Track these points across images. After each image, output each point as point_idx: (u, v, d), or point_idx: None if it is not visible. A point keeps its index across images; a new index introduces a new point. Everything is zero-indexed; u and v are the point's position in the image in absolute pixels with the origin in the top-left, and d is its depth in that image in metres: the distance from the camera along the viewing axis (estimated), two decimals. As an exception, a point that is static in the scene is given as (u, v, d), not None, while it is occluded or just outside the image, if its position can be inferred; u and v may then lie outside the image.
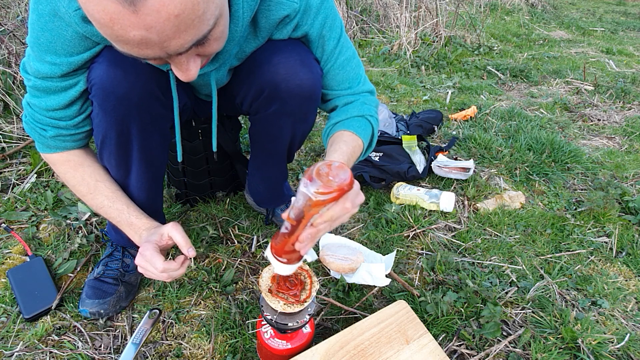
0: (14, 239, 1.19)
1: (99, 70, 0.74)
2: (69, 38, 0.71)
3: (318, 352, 0.81)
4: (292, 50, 0.85)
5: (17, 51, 1.83)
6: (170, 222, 0.82)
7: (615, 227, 1.34)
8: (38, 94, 0.77)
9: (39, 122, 0.80)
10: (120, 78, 0.74)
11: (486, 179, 1.58)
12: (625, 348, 0.96)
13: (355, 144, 0.87)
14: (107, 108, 0.77)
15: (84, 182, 0.86)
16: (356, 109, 0.92)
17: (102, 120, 0.80)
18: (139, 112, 0.80)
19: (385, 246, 1.24)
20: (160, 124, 0.87)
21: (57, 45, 0.71)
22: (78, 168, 0.86)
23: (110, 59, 0.74)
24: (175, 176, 1.31)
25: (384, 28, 3.57)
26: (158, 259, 0.77)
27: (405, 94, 2.43)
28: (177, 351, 0.92)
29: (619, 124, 2.17)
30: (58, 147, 0.84)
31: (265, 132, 1.01)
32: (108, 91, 0.75)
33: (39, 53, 0.72)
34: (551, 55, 3.35)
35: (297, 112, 0.93)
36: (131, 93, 0.76)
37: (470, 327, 0.98)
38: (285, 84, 0.87)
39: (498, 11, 4.78)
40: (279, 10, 0.81)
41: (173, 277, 0.80)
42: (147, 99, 0.79)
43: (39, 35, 0.70)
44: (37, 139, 0.83)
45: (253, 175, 1.20)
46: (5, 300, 1.01)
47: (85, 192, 0.87)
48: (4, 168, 1.49)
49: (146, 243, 0.79)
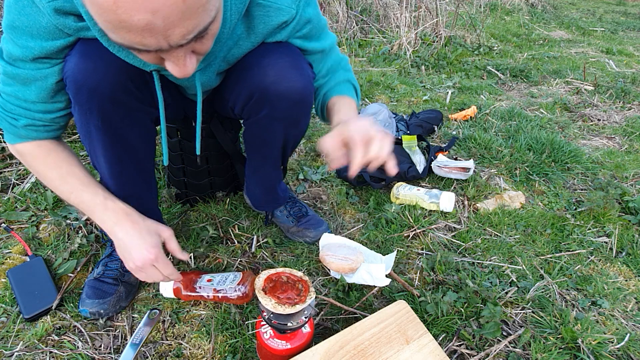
0: (14, 239, 1.19)
1: (71, 62, 0.74)
2: (44, 25, 0.70)
3: (318, 352, 0.81)
4: (282, 53, 0.85)
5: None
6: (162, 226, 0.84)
7: (615, 227, 1.34)
8: (11, 82, 0.76)
9: (10, 111, 0.78)
10: (91, 70, 0.74)
11: (486, 179, 1.59)
12: (625, 348, 0.96)
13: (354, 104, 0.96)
14: (80, 100, 0.76)
15: (56, 165, 0.83)
16: (341, 75, 0.99)
17: (78, 112, 0.79)
18: (113, 105, 0.79)
19: (385, 246, 1.24)
20: (139, 117, 0.86)
21: (33, 29, 0.70)
22: (50, 153, 0.83)
23: (81, 51, 0.73)
24: (175, 176, 1.31)
25: (384, 28, 3.57)
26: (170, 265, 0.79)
27: (405, 94, 2.43)
28: (177, 351, 0.92)
29: (619, 124, 2.17)
30: (29, 137, 0.81)
31: (258, 137, 1.00)
32: (79, 83, 0.74)
33: (13, 36, 0.71)
34: (551, 55, 3.35)
35: (288, 116, 0.92)
36: (102, 85, 0.75)
37: (470, 327, 0.98)
38: (274, 87, 0.86)
39: (498, 11, 4.78)
40: (278, 16, 0.81)
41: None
42: (119, 91, 0.78)
43: (15, 19, 0.69)
44: (7, 129, 0.81)
45: (250, 178, 1.20)
46: (5, 300, 1.01)
47: (55, 177, 0.83)
48: (4, 168, 1.49)
49: (155, 249, 0.81)
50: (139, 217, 0.85)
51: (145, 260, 0.81)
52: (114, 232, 0.82)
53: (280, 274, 0.81)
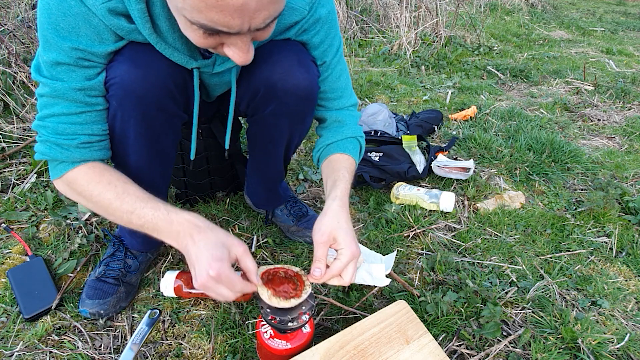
0: (14, 239, 1.19)
1: (120, 69, 0.73)
2: (95, 25, 0.68)
3: (318, 352, 0.81)
4: (289, 50, 0.86)
5: (17, 51, 1.82)
6: (235, 238, 0.73)
7: (615, 227, 1.34)
8: (57, 101, 0.72)
9: (63, 133, 0.73)
10: (141, 78, 0.74)
11: (486, 179, 1.58)
12: (625, 348, 0.96)
13: (352, 167, 0.97)
14: (126, 107, 0.76)
15: (111, 185, 0.75)
16: (349, 130, 0.97)
17: (120, 119, 0.78)
18: (157, 111, 0.80)
19: (385, 246, 1.24)
20: (174, 122, 0.87)
21: (81, 30, 0.67)
22: (104, 173, 0.77)
23: (131, 58, 0.73)
24: (175, 176, 1.31)
25: (384, 28, 3.57)
26: (239, 279, 0.70)
27: (405, 94, 2.43)
28: (177, 351, 0.92)
29: (619, 124, 2.17)
30: (84, 158, 0.76)
31: (263, 134, 1.01)
32: (128, 90, 0.74)
33: (56, 40, 0.67)
34: (551, 55, 3.35)
35: (294, 112, 0.93)
36: (150, 93, 0.76)
37: (470, 327, 0.98)
38: (281, 84, 0.87)
39: (498, 11, 4.78)
40: (292, 15, 0.82)
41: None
42: (164, 98, 0.79)
43: (59, 21, 0.66)
44: (58, 156, 0.75)
45: (251, 177, 1.20)
46: (5, 300, 1.01)
47: (113, 198, 0.74)
48: (4, 168, 1.49)
49: (219, 263, 0.67)
50: (208, 227, 0.72)
51: (205, 277, 0.68)
52: (186, 249, 0.71)
53: (279, 269, 0.81)
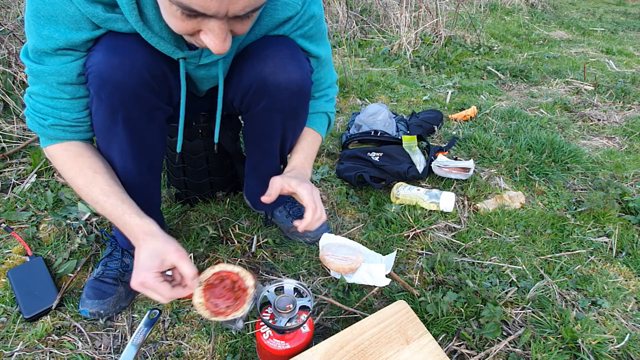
0: (14, 239, 1.19)
1: (96, 58, 0.73)
2: (71, 14, 0.69)
3: (318, 352, 0.81)
4: (281, 45, 0.86)
5: (17, 51, 1.82)
6: (172, 245, 0.74)
7: (615, 227, 1.34)
8: (37, 81, 0.76)
9: (39, 111, 0.78)
10: (117, 66, 0.74)
11: (486, 179, 1.58)
12: (625, 348, 0.96)
13: (316, 140, 1.05)
14: (102, 96, 0.76)
15: (82, 172, 0.81)
16: (321, 105, 1.04)
17: (98, 108, 0.79)
18: (134, 101, 0.79)
19: (385, 246, 1.24)
20: (156, 114, 0.86)
21: (59, 18, 0.69)
22: (77, 158, 0.82)
23: (108, 47, 0.73)
24: (175, 176, 1.31)
25: (384, 28, 3.57)
26: (164, 288, 0.71)
27: (405, 94, 2.43)
28: (177, 351, 0.92)
29: (619, 124, 2.17)
30: (58, 138, 0.81)
31: (257, 131, 1.01)
32: (105, 79, 0.74)
33: (36, 26, 0.70)
34: (551, 55, 3.35)
35: (287, 107, 0.93)
36: (127, 81, 0.76)
37: (470, 327, 0.98)
38: (273, 78, 0.87)
39: (498, 11, 4.78)
40: (285, 10, 0.83)
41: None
42: (140, 88, 0.78)
43: (40, 8, 0.68)
44: (37, 131, 0.81)
45: (249, 177, 1.20)
46: (5, 300, 1.01)
47: (82, 185, 0.80)
48: (4, 168, 1.49)
49: (145, 272, 0.71)
50: (152, 235, 0.75)
51: (134, 284, 0.72)
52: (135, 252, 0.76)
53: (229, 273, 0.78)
